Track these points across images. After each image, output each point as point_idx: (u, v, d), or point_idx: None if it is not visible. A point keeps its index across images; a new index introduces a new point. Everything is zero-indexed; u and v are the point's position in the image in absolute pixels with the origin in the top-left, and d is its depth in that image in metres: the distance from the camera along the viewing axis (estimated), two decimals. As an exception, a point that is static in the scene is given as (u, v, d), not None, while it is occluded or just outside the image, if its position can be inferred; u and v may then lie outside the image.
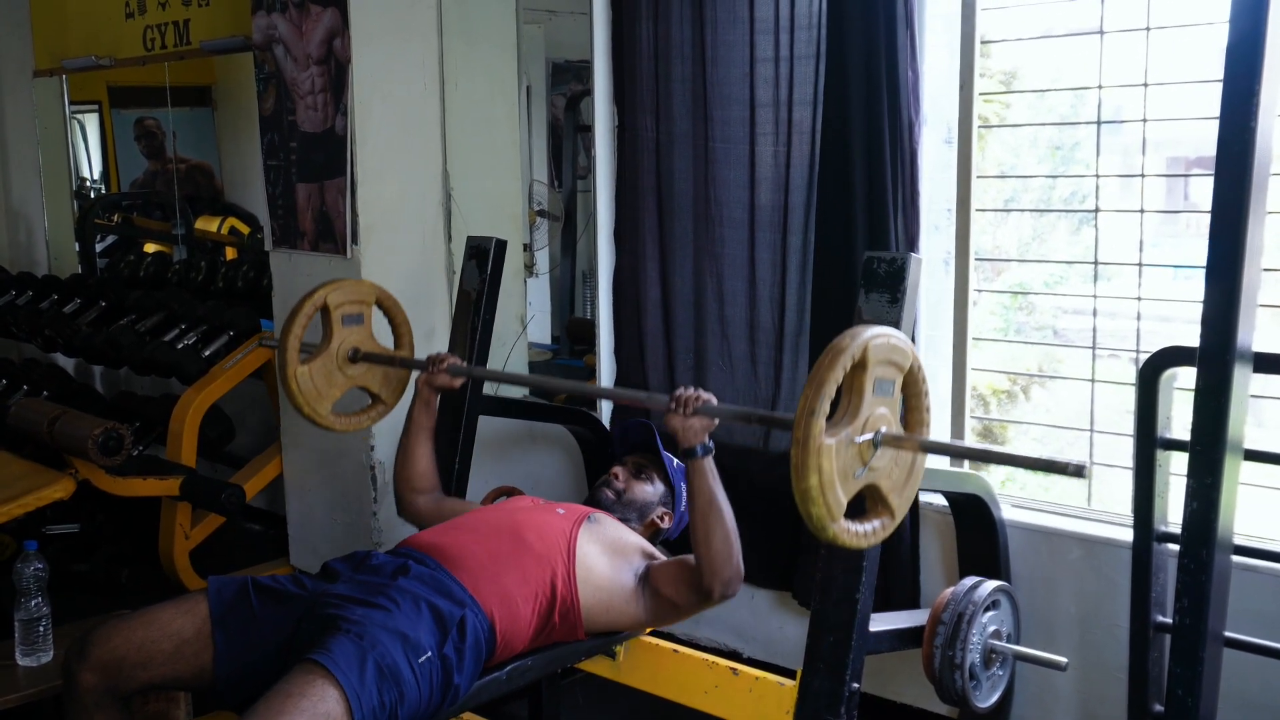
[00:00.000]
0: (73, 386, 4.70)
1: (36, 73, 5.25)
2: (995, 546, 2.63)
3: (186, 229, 5.07)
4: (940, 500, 2.76)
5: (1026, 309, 3.06)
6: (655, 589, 2.34)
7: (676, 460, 2.53)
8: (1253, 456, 1.98)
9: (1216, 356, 1.79)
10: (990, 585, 2.29)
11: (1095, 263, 2.64)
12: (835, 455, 1.74)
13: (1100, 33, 2.55)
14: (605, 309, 3.39)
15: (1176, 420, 2.13)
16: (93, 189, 5.57)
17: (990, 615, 2.29)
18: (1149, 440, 2.13)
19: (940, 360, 2.84)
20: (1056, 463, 1.72)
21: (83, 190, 5.50)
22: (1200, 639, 1.83)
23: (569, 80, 4.77)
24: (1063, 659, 2.24)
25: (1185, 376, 2.07)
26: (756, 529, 3.04)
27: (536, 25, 4.47)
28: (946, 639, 2.22)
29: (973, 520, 2.64)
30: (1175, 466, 2.11)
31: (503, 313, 3.31)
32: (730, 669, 2.40)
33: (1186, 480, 1.83)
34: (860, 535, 1.83)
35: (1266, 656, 2.07)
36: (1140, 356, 2.45)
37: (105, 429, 3.19)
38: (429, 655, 2.04)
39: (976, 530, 2.64)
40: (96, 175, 5.59)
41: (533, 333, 4.19)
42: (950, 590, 2.29)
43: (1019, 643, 2.39)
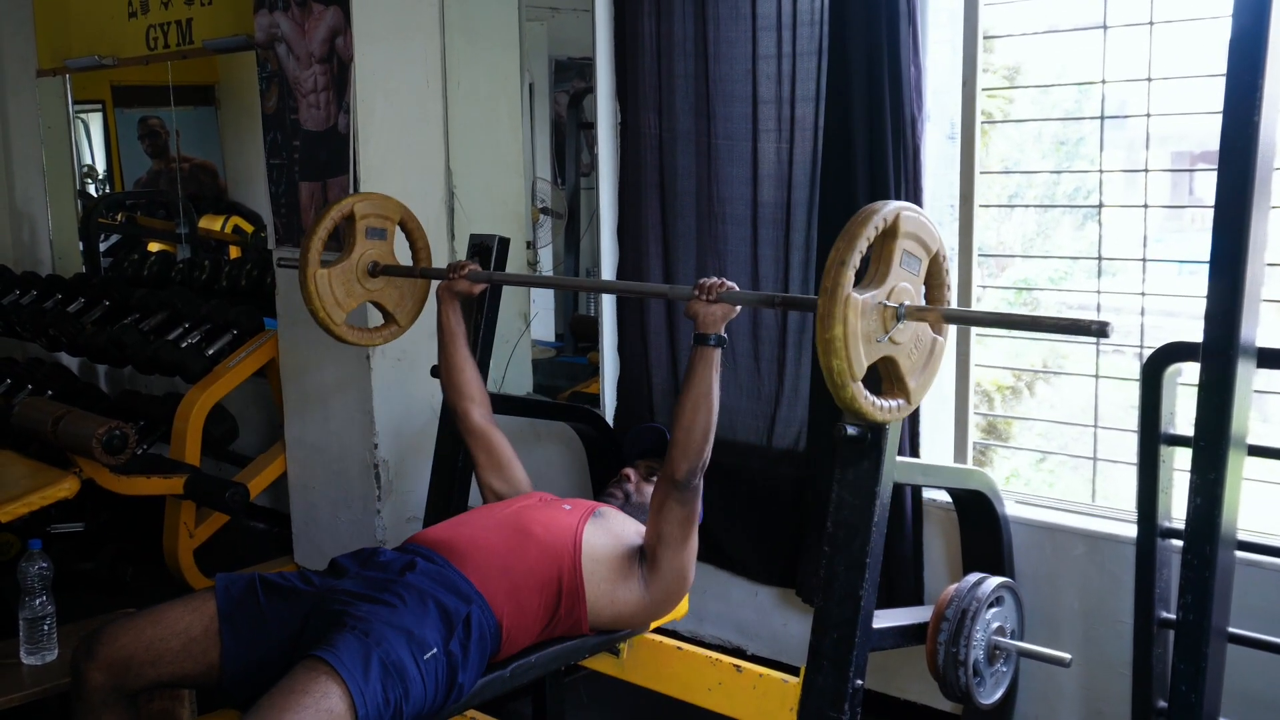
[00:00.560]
0: (77, 386, 4.71)
1: (40, 72, 5.26)
2: (999, 543, 2.62)
3: (190, 228, 5.08)
4: (944, 496, 2.76)
5: (1030, 304, 3.05)
6: (648, 541, 2.33)
7: None
8: (1257, 452, 1.98)
9: (1220, 352, 1.79)
10: (994, 581, 2.29)
11: (1099, 258, 2.63)
12: (861, 312, 1.78)
13: (1104, 27, 2.55)
14: (609, 306, 3.39)
15: (1180, 416, 2.13)
16: (96, 188, 5.58)
17: (994, 611, 2.29)
18: (1153, 436, 2.13)
19: (945, 356, 2.82)
20: (1080, 322, 1.79)
21: (86, 189, 5.51)
22: (1204, 635, 1.83)
23: (572, 77, 4.77)
24: (1066, 655, 2.24)
25: (1189, 372, 2.07)
26: (759, 525, 3.05)
27: (539, 22, 4.47)
28: (950, 635, 2.22)
29: (976, 516, 2.63)
30: (1179, 462, 2.11)
31: (506, 310, 3.31)
32: (734, 666, 2.40)
33: (1190, 476, 1.83)
34: (876, 407, 1.86)
35: (1270, 652, 2.07)
36: (1144, 352, 2.44)
37: (109, 428, 3.20)
38: (434, 652, 2.04)
39: (980, 526, 2.64)
40: (100, 174, 5.60)
41: (536, 330, 4.19)
42: (954, 586, 2.29)
43: (1023, 639, 2.39)
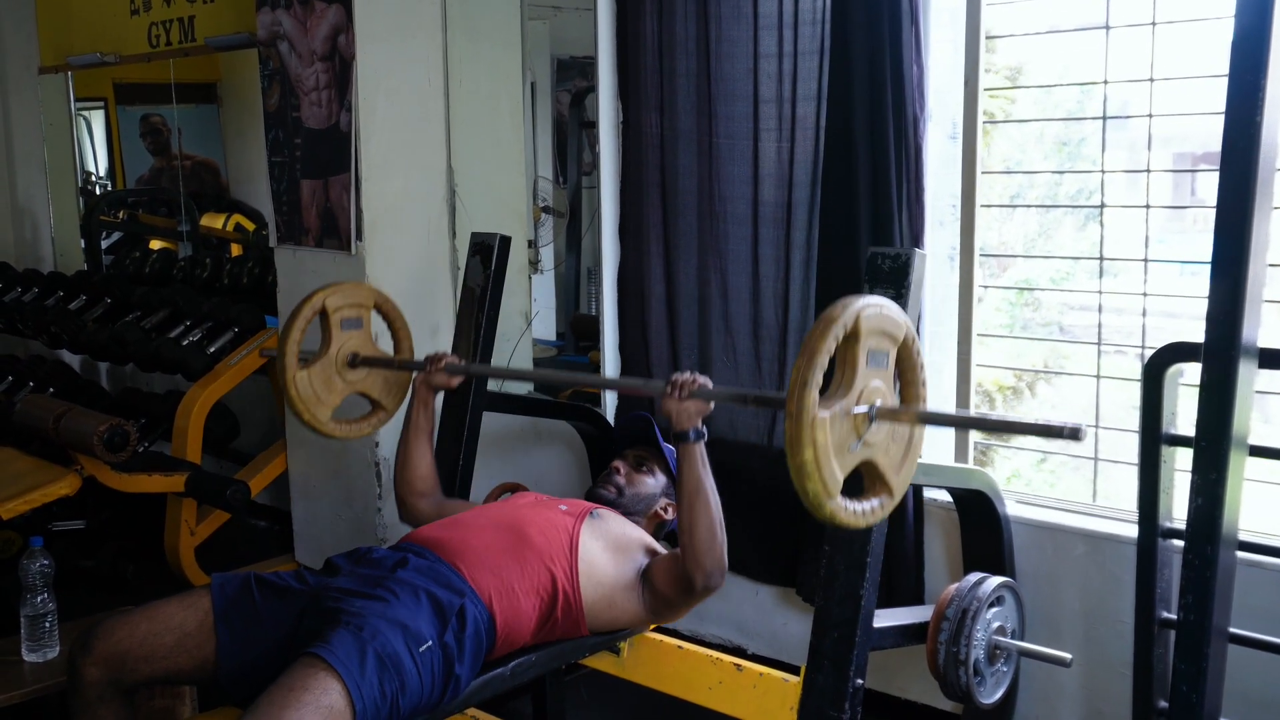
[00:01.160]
0: (78, 383, 4.71)
1: (42, 69, 5.26)
2: (999, 542, 2.62)
3: (192, 225, 5.07)
4: (944, 496, 2.76)
5: (1032, 305, 3.05)
6: (651, 583, 2.34)
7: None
8: (1258, 452, 1.98)
9: (1222, 352, 1.78)
10: (994, 581, 2.29)
11: (1101, 258, 2.63)
12: (830, 428, 1.69)
13: (1106, 28, 2.55)
14: (610, 305, 3.39)
15: (1182, 416, 2.13)
16: (98, 185, 5.58)
17: (994, 611, 2.29)
18: (1154, 436, 2.13)
19: (945, 357, 2.83)
20: (1052, 426, 1.70)
21: (88, 187, 5.51)
22: (1205, 635, 1.83)
23: (574, 76, 4.77)
24: (1067, 655, 2.24)
25: (1191, 372, 2.06)
26: (760, 525, 3.04)
27: (541, 21, 4.47)
28: (951, 635, 2.22)
29: (977, 516, 2.63)
30: (1180, 462, 2.11)
31: (507, 309, 3.31)
32: (734, 665, 2.40)
33: (1191, 476, 1.83)
34: (858, 514, 1.78)
35: (1271, 652, 2.07)
36: (1146, 352, 2.44)
37: (110, 425, 3.20)
38: (429, 644, 2.05)
39: (981, 526, 2.64)
40: (102, 172, 5.60)
41: (537, 329, 4.19)
42: (954, 586, 2.29)
43: (1023, 639, 2.39)
